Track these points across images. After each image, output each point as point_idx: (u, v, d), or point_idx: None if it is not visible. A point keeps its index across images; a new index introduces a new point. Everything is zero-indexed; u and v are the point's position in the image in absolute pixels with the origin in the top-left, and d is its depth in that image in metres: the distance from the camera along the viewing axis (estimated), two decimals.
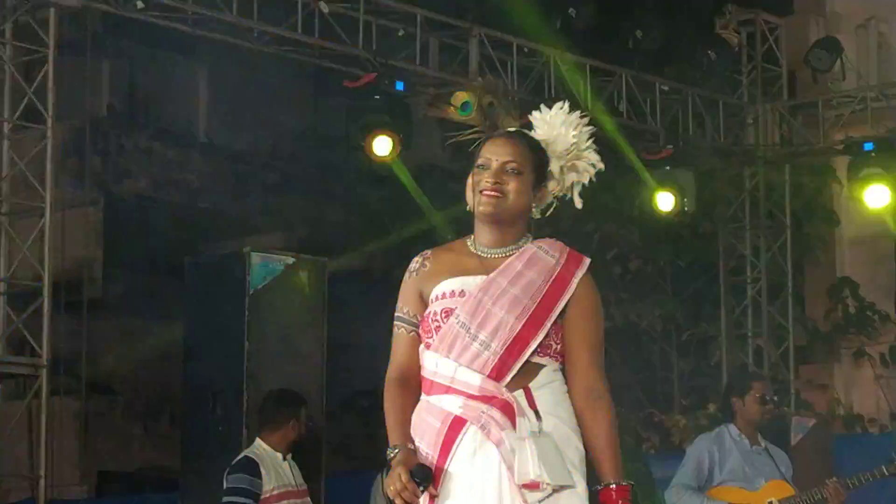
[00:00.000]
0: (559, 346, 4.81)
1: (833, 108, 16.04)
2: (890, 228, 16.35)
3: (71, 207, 13.32)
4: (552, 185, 4.99)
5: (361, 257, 19.51)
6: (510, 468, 4.60)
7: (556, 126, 5.01)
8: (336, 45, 12.97)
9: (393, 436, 4.78)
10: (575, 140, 5.00)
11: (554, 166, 4.97)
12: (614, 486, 4.66)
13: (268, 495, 9.00)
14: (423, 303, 4.86)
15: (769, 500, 10.10)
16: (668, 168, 15.24)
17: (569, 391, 4.84)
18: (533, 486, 4.59)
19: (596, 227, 18.17)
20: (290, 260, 10.82)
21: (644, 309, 17.62)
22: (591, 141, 5.06)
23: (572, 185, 5.06)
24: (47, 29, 11.19)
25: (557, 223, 17.31)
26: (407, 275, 5.00)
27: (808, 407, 17.15)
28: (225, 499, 9.08)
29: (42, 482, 10.83)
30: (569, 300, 4.81)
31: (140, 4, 11.95)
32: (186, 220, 20.21)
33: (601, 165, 5.04)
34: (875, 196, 15.12)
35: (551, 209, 5.08)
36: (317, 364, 10.45)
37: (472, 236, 4.92)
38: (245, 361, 10.22)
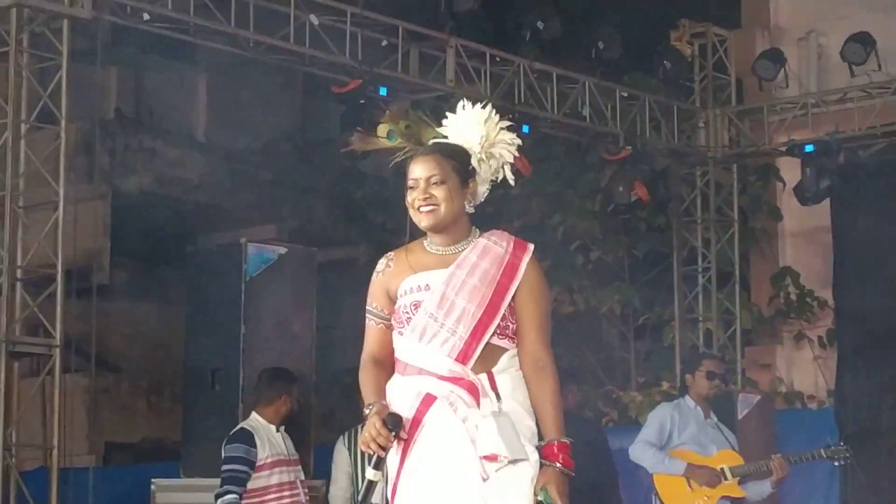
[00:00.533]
0: (514, 327, 4.94)
1: (777, 113, 16.07)
2: (828, 222, 16.43)
3: (81, 201, 13.23)
4: (479, 179, 5.11)
5: (346, 247, 19.48)
6: (473, 441, 4.77)
7: (462, 127, 5.10)
8: (324, 54, 12.96)
9: (368, 397, 4.92)
10: (483, 132, 5.07)
11: (474, 161, 5.06)
12: (556, 442, 4.82)
13: (262, 463, 9.01)
14: (390, 298, 5.06)
15: (721, 466, 10.18)
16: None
17: (519, 362, 4.97)
18: (492, 458, 4.76)
19: (561, 220, 18.16)
20: (283, 250, 10.83)
21: (604, 295, 17.61)
22: (499, 124, 5.10)
23: (501, 168, 5.17)
24: (61, 39, 11.16)
25: (527, 217, 17.41)
26: (375, 275, 5.18)
27: (754, 384, 17.21)
28: (224, 466, 9.07)
29: (54, 452, 10.81)
30: (518, 285, 4.93)
31: (146, 16, 11.93)
32: (186, 213, 20.17)
33: (518, 141, 5.18)
34: None
35: (486, 195, 5.21)
36: (307, 345, 10.46)
37: (427, 238, 5.06)
38: (241, 342, 10.23)
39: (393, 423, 4.66)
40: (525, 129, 14.33)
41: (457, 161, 4.98)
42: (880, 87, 15.29)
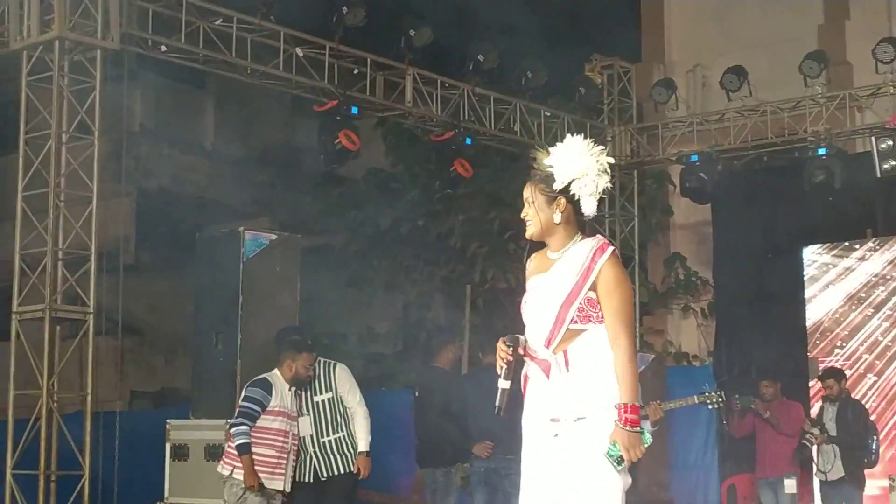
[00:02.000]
0: (598, 314, 4.99)
1: (669, 129, 16.06)
2: (709, 217, 16.54)
3: (111, 198, 13.19)
4: (582, 194, 5.14)
5: (325, 236, 19.42)
6: (544, 408, 5.05)
7: (567, 154, 5.18)
8: (308, 80, 12.88)
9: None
10: (585, 163, 5.17)
11: (566, 180, 5.10)
12: (622, 405, 4.84)
13: (271, 409, 8.94)
14: None
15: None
16: None
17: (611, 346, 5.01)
18: (555, 419, 4.98)
19: (497, 214, 18.18)
20: (273, 237, 10.79)
21: None
22: (604, 166, 5.22)
23: (582, 194, 5.13)
24: (94, 65, 11.06)
25: (471, 211, 17.23)
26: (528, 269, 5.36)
27: (650, 347, 17.27)
28: (242, 402, 9.03)
29: (88, 398, 10.73)
30: (595, 280, 4.98)
31: (163, 48, 11.87)
32: (196, 207, 20.21)
33: (608, 162, 5.26)
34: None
35: (594, 206, 5.20)
36: (292, 313, 10.42)
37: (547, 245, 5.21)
38: (239, 310, 10.16)
39: (511, 341, 4.94)
40: (468, 140, 14.35)
41: (543, 184, 5.08)
42: (751, 109, 15.31)
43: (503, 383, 4.97)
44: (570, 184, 5.06)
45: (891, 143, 13.95)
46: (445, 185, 17.97)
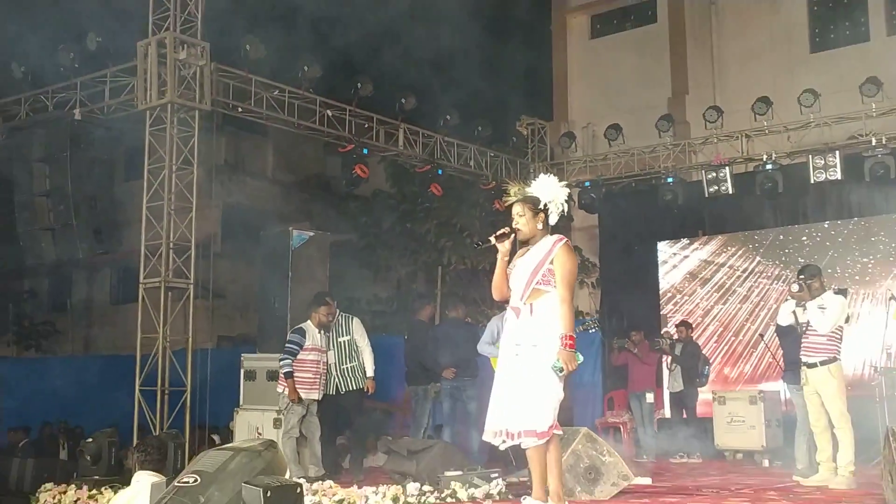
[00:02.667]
0: (554, 279, 5.09)
1: (571, 165, 16.08)
2: (597, 223, 16.53)
3: (205, 208, 13.14)
4: (551, 211, 5.31)
5: (344, 234, 19.35)
6: (516, 338, 5.13)
7: (544, 186, 5.35)
8: (334, 131, 12.86)
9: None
10: (555, 192, 5.33)
11: (546, 202, 5.30)
12: (563, 335, 4.96)
13: (305, 347, 8.94)
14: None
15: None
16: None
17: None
18: (518, 345, 5.07)
19: (458, 220, 18.22)
20: (311, 234, 10.72)
21: (480, 260, 17.63)
22: (566, 195, 5.42)
23: (561, 206, 5.34)
24: (194, 120, 11.00)
25: (440, 218, 16.84)
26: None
27: None
28: (286, 344, 9.02)
29: (189, 340, 10.69)
30: (552, 259, 5.11)
31: (240, 109, 11.85)
32: (261, 215, 20.01)
33: (565, 207, 5.41)
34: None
35: (556, 219, 5.37)
36: (323, 284, 10.34)
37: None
38: (289, 282, 10.10)
39: (497, 233, 5.24)
40: (440, 171, 14.32)
41: (531, 203, 5.27)
42: (623, 152, 15.37)
43: (492, 241, 5.21)
44: (546, 205, 5.25)
45: (714, 175, 14.05)
46: (425, 201, 18.03)
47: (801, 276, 8.15)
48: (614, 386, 13.86)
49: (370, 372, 9.38)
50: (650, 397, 12.64)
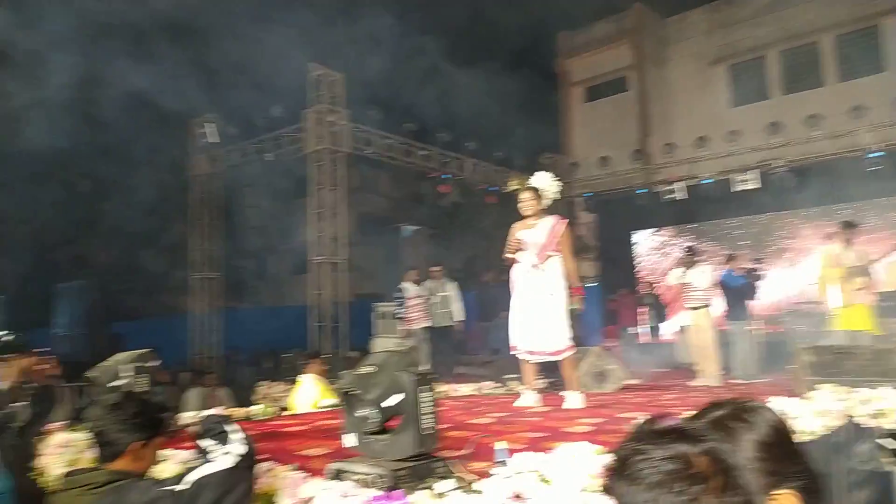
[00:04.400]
0: (559, 248, 4.78)
1: (577, 182, 15.74)
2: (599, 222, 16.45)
3: (346, 214, 13.25)
4: (545, 196, 4.92)
5: (428, 229, 18.54)
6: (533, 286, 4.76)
7: (542, 179, 5.00)
8: (424, 163, 12.85)
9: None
10: (549, 183, 4.98)
11: (546, 191, 4.94)
12: (573, 286, 4.76)
13: (408, 296, 9.00)
14: (515, 237, 4.87)
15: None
16: None
17: (562, 263, 4.79)
18: (539, 292, 4.73)
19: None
20: (414, 228, 10.80)
21: None
22: (552, 180, 5.00)
23: (548, 198, 4.95)
24: (343, 161, 10.98)
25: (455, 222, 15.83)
26: (512, 228, 4.93)
27: None
28: (395, 297, 9.04)
29: (338, 296, 10.80)
30: (559, 234, 4.77)
31: (366, 151, 11.86)
32: (381, 219, 17.35)
33: (557, 196, 4.98)
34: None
35: (549, 204, 4.91)
36: (421, 261, 10.32)
37: (528, 220, 4.87)
38: (401, 259, 10.07)
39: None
40: (444, 176, 14.20)
41: (534, 192, 4.88)
42: (610, 174, 15.15)
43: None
44: (543, 192, 4.98)
45: (670, 187, 13.94)
46: (481, 208, 17.32)
47: (688, 251, 7.96)
48: (608, 322, 13.88)
49: (459, 316, 9.25)
50: (632, 330, 12.63)
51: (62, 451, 3.26)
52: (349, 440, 2.32)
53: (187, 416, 3.98)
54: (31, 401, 3.47)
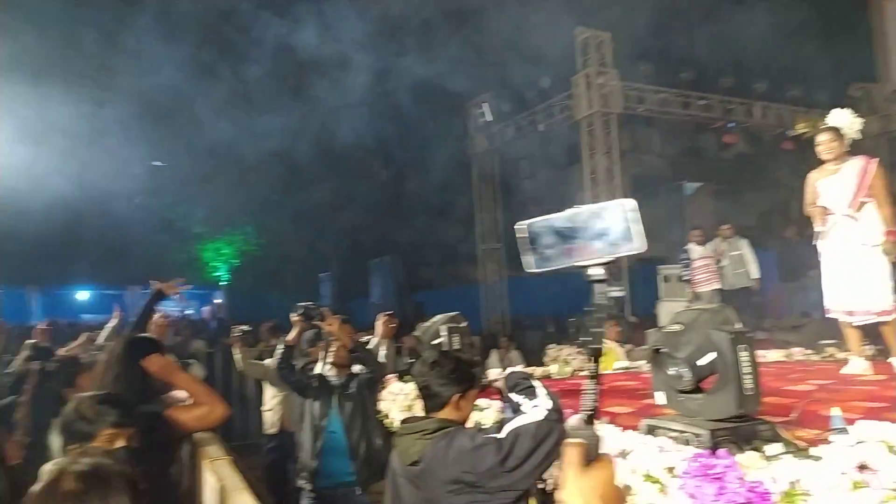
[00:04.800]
0: (872, 193, 4.21)
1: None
2: None
3: (619, 177, 12.84)
4: (846, 134, 4.34)
5: (721, 184, 17.39)
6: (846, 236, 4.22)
7: (841, 117, 4.37)
8: (705, 113, 11.93)
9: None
10: (850, 121, 4.35)
11: (845, 130, 4.33)
12: (893, 229, 4.10)
13: (693, 258, 8.51)
14: (814, 187, 4.37)
15: None
16: None
17: (878, 209, 4.23)
18: (852, 244, 4.21)
19: None
20: (699, 184, 10.14)
21: None
22: (858, 122, 4.36)
23: (850, 136, 4.35)
24: (614, 121, 10.83)
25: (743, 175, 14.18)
26: (808, 178, 4.42)
27: None
28: (680, 258, 8.64)
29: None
30: (873, 177, 4.20)
31: (639, 110, 11.47)
32: (656, 180, 15.54)
33: (858, 135, 4.34)
34: None
35: (851, 141, 4.35)
36: (702, 220, 9.72)
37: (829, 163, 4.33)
38: (684, 218, 9.66)
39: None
40: (730, 124, 12.70)
41: (834, 132, 4.29)
42: None
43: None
44: (844, 131, 4.33)
45: None
46: (776, 155, 15.65)
47: None
48: None
49: (755, 274, 8.58)
50: None
51: (394, 398, 3.85)
52: (660, 398, 2.31)
53: (492, 373, 4.34)
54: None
